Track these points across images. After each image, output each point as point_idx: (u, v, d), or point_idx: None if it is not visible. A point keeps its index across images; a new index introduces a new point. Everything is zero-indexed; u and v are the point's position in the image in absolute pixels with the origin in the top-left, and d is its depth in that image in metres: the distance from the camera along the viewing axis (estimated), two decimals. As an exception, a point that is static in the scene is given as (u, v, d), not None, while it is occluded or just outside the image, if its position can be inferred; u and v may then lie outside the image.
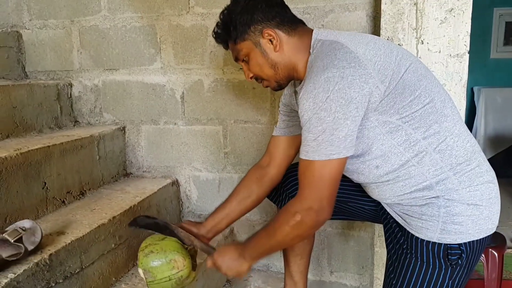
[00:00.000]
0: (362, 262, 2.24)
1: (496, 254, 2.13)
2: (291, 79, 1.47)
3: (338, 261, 2.29)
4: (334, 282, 2.32)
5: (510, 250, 2.35)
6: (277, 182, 1.70)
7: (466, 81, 1.76)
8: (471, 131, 1.40)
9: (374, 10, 1.95)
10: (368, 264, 2.22)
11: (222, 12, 1.46)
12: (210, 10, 2.15)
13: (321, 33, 1.36)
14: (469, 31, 1.72)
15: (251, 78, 1.49)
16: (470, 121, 4.89)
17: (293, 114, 1.63)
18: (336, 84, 1.17)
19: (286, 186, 1.71)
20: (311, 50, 1.35)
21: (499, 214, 1.33)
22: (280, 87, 1.49)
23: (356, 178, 1.42)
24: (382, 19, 1.78)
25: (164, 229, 1.60)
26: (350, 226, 2.22)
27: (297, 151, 1.70)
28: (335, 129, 1.18)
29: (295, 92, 1.54)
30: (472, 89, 5.01)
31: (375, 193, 1.40)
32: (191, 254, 1.60)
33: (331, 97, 1.17)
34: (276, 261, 2.35)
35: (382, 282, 1.49)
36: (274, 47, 1.38)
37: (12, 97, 2.00)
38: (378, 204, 1.48)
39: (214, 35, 1.50)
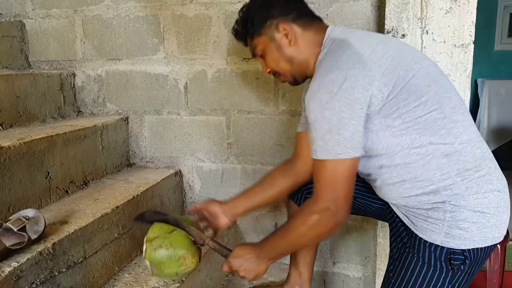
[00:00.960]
0: (364, 253, 2.24)
1: (498, 246, 2.13)
2: (306, 76, 1.47)
3: (341, 252, 2.29)
4: (336, 273, 2.32)
5: (512, 242, 2.35)
6: (303, 177, 1.67)
7: (471, 72, 1.75)
8: (474, 122, 1.38)
9: (378, 0, 1.93)
10: (371, 255, 2.22)
11: (241, 9, 1.49)
12: (214, 0, 2.14)
13: (335, 31, 1.37)
14: (474, 21, 1.71)
15: (269, 73, 1.51)
16: (473, 113, 4.87)
17: None
18: (340, 85, 1.19)
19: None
20: (322, 48, 1.36)
21: (507, 224, 1.31)
22: (296, 82, 1.50)
23: (363, 175, 1.41)
24: (386, 9, 1.77)
25: (175, 226, 1.58)
26: (353, 218, 2.21)
27: None
28: (341, 128, 1.19)
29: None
30: (475, 81, 4.99)
31: (382, 192, 1.39)
32: (198, 247, 1.59)
33: (336, 98, 1.19)
34: (279, 252, 2.35)
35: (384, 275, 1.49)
36: (289, 42, 1.39)
37: (16, 86, 2.00)
38: (385, 203, 1.47)
39: (233, 33, 1.54)
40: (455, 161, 1.24)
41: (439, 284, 1.29)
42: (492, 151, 1.34)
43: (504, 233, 1.31)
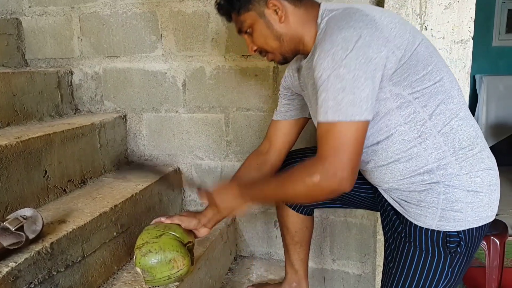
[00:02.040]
0: (364, 250, 2.24)
1: (497, 242, 2.14)
2: (297, 53, 1.42)
3: (340, 249, 2.28)
4: (336, 270, 2.31)
5: (511, 237, 2.35)
6: (277, 168, 1.67)
7: (470, 68, 1.75)
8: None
9: (377, -4, 1.93)
10: (370, 252, 2.22)
11: None
12: (212, -4, 2.13)
13: (330, 5, 1.32)
14: (473, 17, 1.70)
15: (254, 51, 1.44)
16: (472, 109, 4.88)
17: (294, 97, 1.61)
18: (355, 42, 1.12)
19: None
20: (319, 20, 1.30)
21: (498, 202, 1.32)
22: (285, 60, 1.44)
23: None
24: (385, 5, 1.76)
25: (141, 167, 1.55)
26: (353, 214, 2.21)
27: (298, 135, 1.68)
28: (356, 87, 1.11)
29: (299, 69, 1.51)
30: (474, 77, 4.99)
31: (374, 176, 1.37)
32: (189, 249, 1.58)
33: (350, 55, 1.12)
34: (279, 250, 2.35)
35: (383, 270, 1.48)
36: (279, 18, 1.33)
37: (12, 85, 1.99)
38: (375, 191, 1.46)
39: (216, 7, 1.44)
40: (451, 139, 1.23)
41: (439, 269, 1.29)
42: (491, 147, 1.35)
43: (496, 211, 1.32)
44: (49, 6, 2.37)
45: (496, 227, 2.12)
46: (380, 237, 2.00)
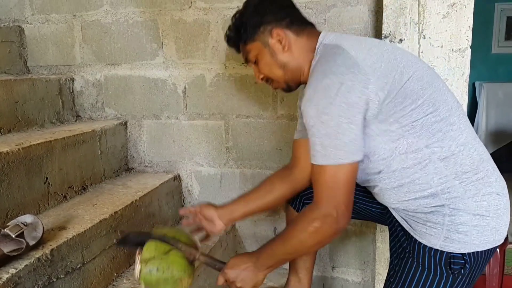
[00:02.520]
0: (364, 257, 2.24)
1: (497, 250, 2.13)
2: (299, 82, 1.47)
3: (340, 257, 2.29)
4: (336, 278, 2.32)
5: (511, 245, 2.34)
6: (302, 183, 1.64)
7: (468, 76, 1.75)
8: (472, 126, 1.38)
9: (376, 5, 1.94)
10: (370, 260, 2.22)
11: (234, 16, 1.49)
12: (212, 5, 2.14)
13: (327, 37, 1.36)
14: (471, 26, 1.71)
15: (261, 79, 1.50)
16: (471, 116, 4.89)
17: None
18: (337, 90, 1.18)
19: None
20: (314, 54, 1.36)
21: (507, 226, 1.31)
22: (289, 88, 1.50)
23: (361, 182, 1.40)
24: (384, 14, 1.77)
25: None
26: (352, 222, 2.21)
27: None
28: (340, 133, 1.18)
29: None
30: (473, 84, 5.00)
31: (381, 198, 1.39)
32: (191, 262, 1.53)
33: (333, 103, 1.18)
34: (278, 256, 2.35)
35: (384, 278, 1.48)
36: (282, 47, 1.39)
37: (14, 91, 2.00)
38: (385, 207, 1.46)
39: (226, 39, 1.53)
40: (452, 164, 1.24)
41: None
42: (491, 154, 1.33)
43: (505, 235, 1.31)
44: (51, 14, 2.39)
45: (495, 235, 2.12)
46: (380, 244, 2.00)
